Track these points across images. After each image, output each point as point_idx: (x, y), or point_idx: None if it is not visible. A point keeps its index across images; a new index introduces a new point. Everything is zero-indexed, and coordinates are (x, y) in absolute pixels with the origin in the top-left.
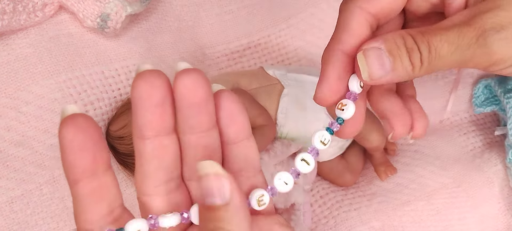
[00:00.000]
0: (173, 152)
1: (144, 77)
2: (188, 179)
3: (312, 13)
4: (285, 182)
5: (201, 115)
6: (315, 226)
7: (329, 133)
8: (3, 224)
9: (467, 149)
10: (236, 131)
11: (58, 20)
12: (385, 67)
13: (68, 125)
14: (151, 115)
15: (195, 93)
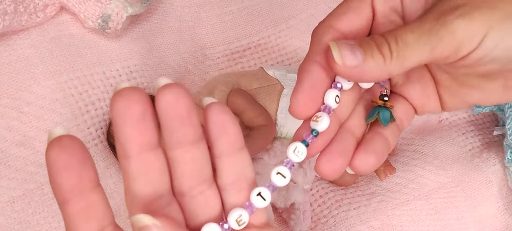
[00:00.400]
0: (160, 166)
1: (121, 94)
2: (179, 195)
3: (312, 14)
4: (263, 197)
5: (185, 127)
6: (314, 226)
7: (304, 144)
8: (4, 223)
9: (466, 149)
10: (228, 143)
11: (59, 21)
12: (357, 57)
13: (53, 146)
14: (131, 130)
15: (177, 106)
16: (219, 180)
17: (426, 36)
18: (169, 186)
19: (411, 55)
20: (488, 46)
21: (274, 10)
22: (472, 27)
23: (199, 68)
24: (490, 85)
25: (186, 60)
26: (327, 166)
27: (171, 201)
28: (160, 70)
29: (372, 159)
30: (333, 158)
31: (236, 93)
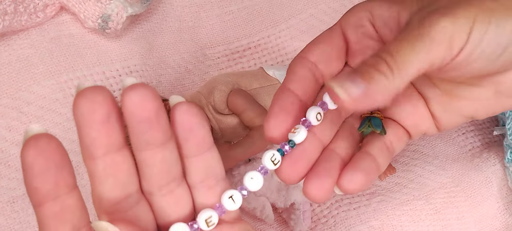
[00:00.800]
0: (128, 168)
1: (84, 94)
2: (149, 193)
3: (312, 14)
4: (233, 199)
5: (153, 130)
6: (314, 226)
7: (280, 153)
8: (4, 223)
9: (466, 149)
10: (196, 144)
11: (59, 21)
12: (358, 84)
13: (29, 147)
14: (96, 133)
15: (144, 108)
16: (188, 178)
17: (419, 41)
18: (137, 185)
19: (411, 63)
20: (476, 39)
21: (274, 10)
22: (458, 22)
23: (199, 68)
24: (482, 94)
25: (186, 60)
26: (315, 187)
27: (140, 200)
28: (160, 70)
29: (359, 177)
30: (320, 178)
31: (236, 93)
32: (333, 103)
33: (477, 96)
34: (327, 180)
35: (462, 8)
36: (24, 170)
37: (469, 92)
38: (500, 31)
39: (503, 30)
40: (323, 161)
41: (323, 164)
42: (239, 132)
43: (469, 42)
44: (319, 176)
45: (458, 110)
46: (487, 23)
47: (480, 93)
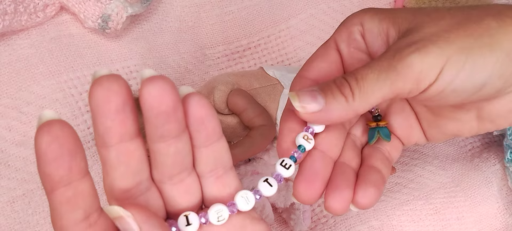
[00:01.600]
0: (139, 155)
1: (101, 83)
2: (159, 182)
3: (312, 14)
4: (247, 199)
5: (169, 123)
6: (314, 226)
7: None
8: (4, 223)
9: (466, 149)
10: (206, 136)
11: (59, 21)
12: (318, 101)
13: (43, 133)
14: (111, 122)
15: (162, 101)
16: (198, 168)
17: (384, 72)
18: (148, 173)
19: (373, 92)
20: (447, 77)
21: (274, 10)
22: (428, 60)
23: (199, 68)
24: (464, 116)
25: (186, 60)
26: (337, 200)
27: (150, 187)
28: (160, 70)
29: (372, 192)
30: (341, 191)
31: (236, 93)
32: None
33: (459, 118)
34: (347, 191)
35: (436, 46)
36: (38, 156)
37: (452, 113)
38: (477, 70)
39: (478, 71)
40: (339, 174)
41: (340, 177)
42: (239, 132)
43: (439, 80)
44: (339, 189)
45: (442, 129)
46: (463, 63)
47: (463, 115)
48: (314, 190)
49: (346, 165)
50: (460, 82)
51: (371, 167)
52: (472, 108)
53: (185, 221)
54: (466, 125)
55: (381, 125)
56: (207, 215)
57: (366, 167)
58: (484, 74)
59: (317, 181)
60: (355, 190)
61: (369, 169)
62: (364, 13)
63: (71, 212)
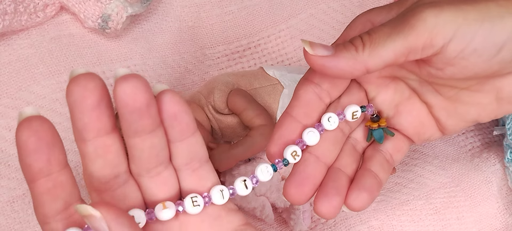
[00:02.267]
0: (116, 149)
1: (77, 81)
2: (137, 175)
3: (311, 14)
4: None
5: (143, 119)
6: (314, 225)
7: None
8: (4, 223)
9: (466, 149)
10: (180, 131)
11: (59, 20)
12: (328, 48)
13: (23, 127)
14: (88, 118)
15: (136, 99)
16: (174, 161)
17: (398, 26)
18: (126, 166)
19: (384, 45)
20: (465, 35)
21: (274, 10)
22: (443, 15)
23: (199, 68)
24: (483, 99)
25: (186, 60)
26: (325, 206)
27: (128, 180)
28: (160, 70)
29: (364, 196)
30: (329, 197)
31: (236, 93)
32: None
33: (478, 101)
34: (335, 198)
35: (452, 5)
36: (18, 148)
37: (471, 97)
38: (495, 31)
39: (498, 30)
40: (330, 180)
41: (331, 183)
42: (239, 132)
43: (457, 39)
44: (328, 195)
45: (461, 116)
46: (481, 22)
47: (482, 99)
48: (304, 194)
49: (340, 171)
50: (480, 41)
51: (368, 170)
52: (490, 89)
53: (162, 207)
54: (486, 109)
55: (382, 126)
56: (183, 203)
57: (363, 170)
58: (503, 33)
59: (307, 185)
60: (348, 192)
61: (365, 172)
62: (370, 12)
63: (51, 202)
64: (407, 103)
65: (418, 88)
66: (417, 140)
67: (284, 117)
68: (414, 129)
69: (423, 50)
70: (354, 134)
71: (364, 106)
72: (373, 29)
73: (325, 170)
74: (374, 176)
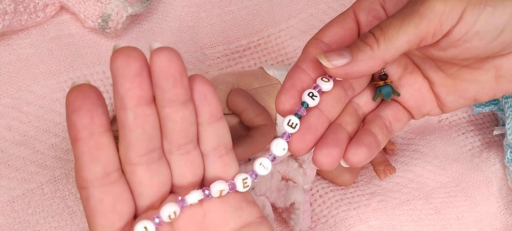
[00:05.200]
0: (154, 121)
1: (121, 51)
2: (168, 152)
3: (311, 14)
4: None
5: (176, 87)
6: (314, 225)
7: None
8: (4, 223)
9: (465, 149)
10: (210, 111)
11: (59, 20)
12: (345, 56)
13: (73, 90)
14: (130, 84)
15: (170, 66)
16: (202, 146)
17: (408, 17)
18: (160, 142)
19: (397, 36)
20: (469, 18)
21: (274, 10)
22: (449, 2)
23: (199, 68)
24: (482, 76)
25: (186, 60)
26: (323, 154)
27: (161, 157)
28: None
29: (363, 151)
30: (329, 147)
31: (236, 93)
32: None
33: (478, 79)
34: (335, 148)
35: None
36: (66, 108)
37: (471, 75)
38: (497, 14)
39: (499, 14)
40: (331, 132)
41: (332, 135)
42: (239, 132)
43: (462, 22)
44: (328, 145)
45: (461, 93)
46: (483, 5)
47: (481, 76)
48: (305, 143)
49: (341, 126)
50: (482, 24)
51: (368, 130)
52: (490, 67)
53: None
54: (485, 86)
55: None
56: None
57: (363, 130)
58: (504, 15)
59: (309, 134)
60: (348, 147)
61: (365, 131)
62: None
63: (91, 164)
64: (410, 77)
65: (420, 64)
66: (417, 113)
67: (294, 69)
68: (415, 102)
69: (434, 37)
70: (357, 99)
71: None
72: (383, 23)
73: (327, 123)
74: (373, 136)
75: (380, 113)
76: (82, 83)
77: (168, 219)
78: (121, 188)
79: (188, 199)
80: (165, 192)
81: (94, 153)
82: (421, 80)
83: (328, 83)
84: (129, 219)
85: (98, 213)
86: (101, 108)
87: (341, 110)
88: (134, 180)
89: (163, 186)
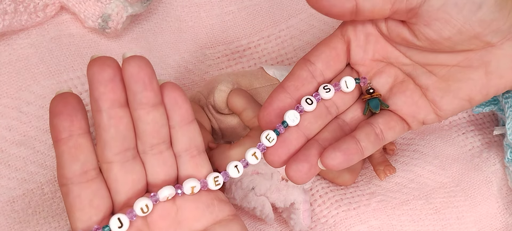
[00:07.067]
0: (127, 122)
1: (96, 60)
2: (142, 152)
3: (312, 14)
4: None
5: (146, 91)
6: (314, 225)
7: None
8: (4, 223)
9: (466, 149)
10: (181, 114)
11: (59, 20)
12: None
13: (55, 98)
14: (104, 88)
15: (140, 72)
16: (174, 147)
17: None
18: (134, 143)
19: None
20: None
21: (274, 10)
22: None
23: (199, 68)
24: (473, 74)
25: (186, 60)
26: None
27: (135, 156)
28: (160, 70)
29: (338, 156)
30: (297, 163)
31: (236, 93)
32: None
33: (469, 77)
34: (303, 164)
35: None
36: (49, 113)
37: (462, 74)
38: None
39: None
40: (304, 148)
41: (303, 151)
42: (239, 132)
43: None
44: (297, 161)
45: (454, 93)
46: None
47: (472, 74)
48: (278, 155)
49: (317, 143)
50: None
51: (351, 136)
52: (480, 65)
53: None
54: (477, 84)
55: (375, 95)
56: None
57: (346, 136)
58: None
59: (282, 148)
60: (324, 151)
61: (347, 137)
62: None
63: (70, 163)
64: (401, 86)
65: (412, 72)
66: (412, 121)
67: (277, 89)
68: (408, 108)
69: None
70: (344, 115)
71: (358, 78)
72: None
73: (303, 139)
74: (355, 142)
75: (372, 121)
76: (65, 92)
77: (141, 213)
78: (98, 185)
79: (160, 194)
80: (140, 190)
81: (73, 152)
82: (412, 87)
83: (311, 105)
84: (106, 214)
85: (76, 208)
86: (80, 112)
87: (322, 127)
88: (110, 177)
89: (137, 183)
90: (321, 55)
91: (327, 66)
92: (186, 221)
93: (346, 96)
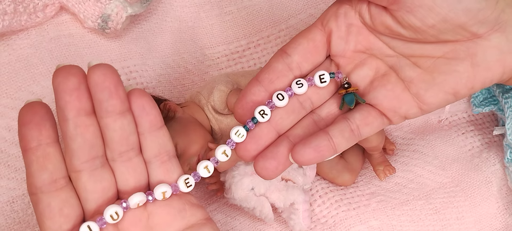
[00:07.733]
0: (94, 131)
1: (61, 69)
2: (111, 160)
3: (311, 14)
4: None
5: (112, 99)
6: (314, 226)
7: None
8: (4, 223)
9: (465, 149)
10: (149, 121)
11: (59, 21)
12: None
13: (24, 108)
14: (69, 97)
15: (105, 80)
16: (144, 154)
17: None
18: (103, 150)
19: None
20: None
21: (274, 10)
22: None
23: (199, 68)
24: (459, 66)
25: (186, 60)
26: (259, 166)
27: (104, 164)
28: (160, 70)
29: (308, 153)
30: (264, 160)
31: (235, 93)
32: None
33: (455, 69)
34: (270, 161)
35: None
36: (18, 123)
37: (447, 66)
38: None
39: None
40: (272, 146)
41: (271, 148)
42: None
43: None
44: (264, 158)
45: (440, 86)
46: None
47: (457, 66)
48: (247, 150)
49: (287, 139)
50: None
51: (323, 131)
52: (466, 56)
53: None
54: (463, 77)
55: (349, 91)
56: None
57: (319, 131)
58: None
59: (252, 144)
60: (295, 147)
61: (319, 133)
62: None
63: (39, 172)
64: (382, 79)
65: (395, 64)
66: (393, 115)
67: (252, 82)
68: (389, 103)
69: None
70: (319, 110)
71: (333, 73)
72: None
73: (274, 134)
74: (327, 138)
75: (348, 116)
76: (34, 101)
77: (111, 220)
78: (68, 194)
79: (130, 201)
80: (110, 197)
81: (42, 161)
82: (394, 80)
83: (282, 100)
84: (77, 222)
85: (46, 217)
86: (49, 122)
87: (294, 122)
88: (79, 186)
89: (107, 191)
90: (298, 47)
91: (304, 58)
92: (157, 227)
93: (322, 91)
